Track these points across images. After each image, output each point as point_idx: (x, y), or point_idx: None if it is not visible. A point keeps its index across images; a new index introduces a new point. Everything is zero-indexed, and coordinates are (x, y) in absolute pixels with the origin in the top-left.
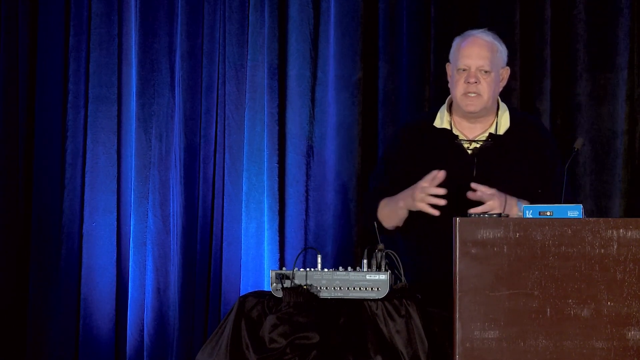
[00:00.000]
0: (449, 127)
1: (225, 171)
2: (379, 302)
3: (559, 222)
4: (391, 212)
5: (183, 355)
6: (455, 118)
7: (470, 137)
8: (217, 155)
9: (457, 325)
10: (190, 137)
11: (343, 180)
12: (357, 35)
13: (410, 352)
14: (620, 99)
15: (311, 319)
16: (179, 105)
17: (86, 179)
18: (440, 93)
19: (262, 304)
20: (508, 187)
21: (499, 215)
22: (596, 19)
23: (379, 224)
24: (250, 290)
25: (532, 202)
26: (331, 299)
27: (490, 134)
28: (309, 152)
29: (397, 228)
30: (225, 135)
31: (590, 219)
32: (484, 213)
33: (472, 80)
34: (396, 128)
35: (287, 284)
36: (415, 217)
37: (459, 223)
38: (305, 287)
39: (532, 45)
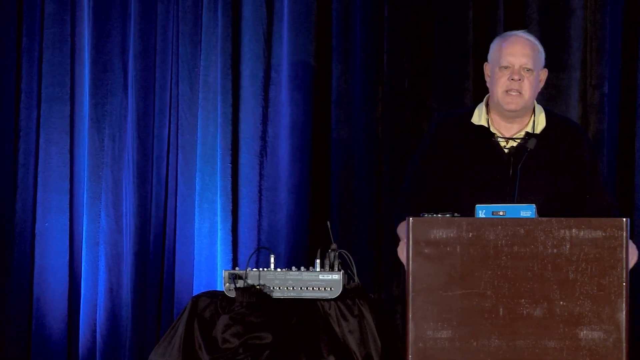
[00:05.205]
0: (486, 125)
1: (179, 171)
2: (332, 302)
3: (512, 221)
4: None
5: (136, 356)
6: (493, 116)
7: (507, 136)
8: (170, 155)
9: (410, 324)
10: (143, 137)
11: (296, 180)
12: (311, 35)
13: (363, 352)
14: (573, 99)
15: (264, 319)
16: (132, 105)
17: (39, 178)
18: (393, 93)
19: (215, 304)
20: (544, 186)
21: (452, 214)
22: (548, 19)
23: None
24: (203, 290)
25: (571, 204)
26: (284, 299)
27: (526, 132)
28: (262, 152)
29: None
30: (179, 135)
31: (542, 218)
32: (438, 214)
33: (517, 77)
34: (432, 124)
35: (240, 284)
36: None
37: (412, 223)
38: (258, 287)
39: (486, 45)
